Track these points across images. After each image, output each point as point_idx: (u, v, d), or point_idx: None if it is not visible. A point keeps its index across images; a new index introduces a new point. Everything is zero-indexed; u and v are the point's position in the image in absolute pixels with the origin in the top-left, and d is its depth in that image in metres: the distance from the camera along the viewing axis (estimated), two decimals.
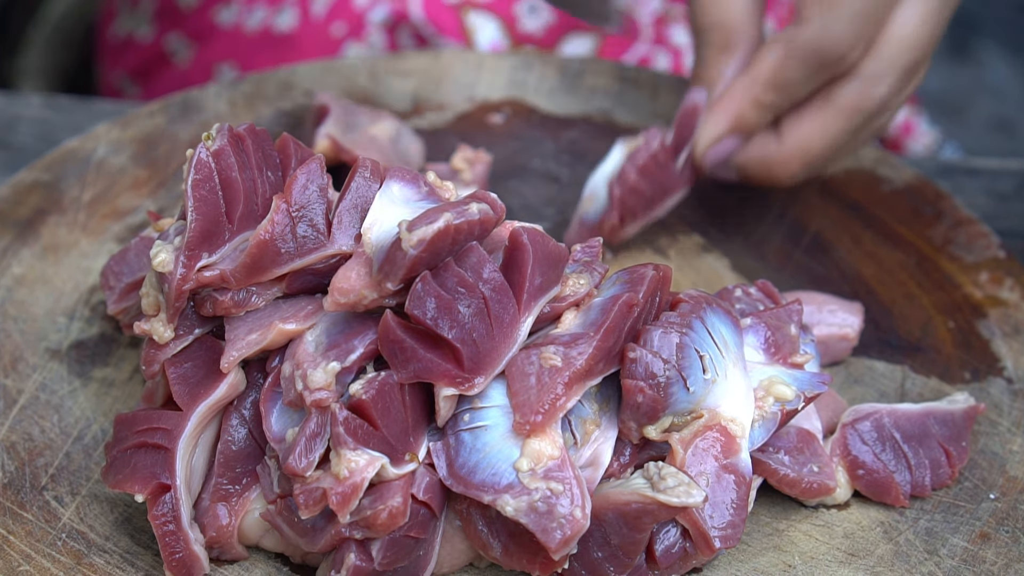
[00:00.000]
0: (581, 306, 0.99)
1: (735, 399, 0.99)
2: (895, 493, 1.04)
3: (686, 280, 1.25)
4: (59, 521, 1.00)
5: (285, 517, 0.95)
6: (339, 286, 0.94)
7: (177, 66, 1.76)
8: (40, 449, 1.06)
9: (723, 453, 0.97)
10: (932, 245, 1.28)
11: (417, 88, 1.47)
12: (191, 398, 0.97)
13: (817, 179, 1.36)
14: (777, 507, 1.04)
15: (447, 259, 0.95)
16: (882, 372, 1.16)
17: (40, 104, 1.52)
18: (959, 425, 1.08)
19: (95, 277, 1.21)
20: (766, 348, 1.03)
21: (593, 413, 0.97)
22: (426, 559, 0.96)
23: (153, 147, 1.37)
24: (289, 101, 1.44)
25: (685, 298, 1.00)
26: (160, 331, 0.98)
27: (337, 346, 0.95)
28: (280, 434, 0.95)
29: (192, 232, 0.96)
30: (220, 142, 0.97)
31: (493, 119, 1.44)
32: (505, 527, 0.94)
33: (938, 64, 3.07)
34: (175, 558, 0.94)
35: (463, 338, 0.93)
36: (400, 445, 0.94)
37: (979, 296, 1.22)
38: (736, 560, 1.00)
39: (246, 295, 0.98)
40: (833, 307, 1.16)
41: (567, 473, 0.93)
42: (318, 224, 0.98)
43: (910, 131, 1.82)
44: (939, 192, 1.34)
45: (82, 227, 1.27)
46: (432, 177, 1.03)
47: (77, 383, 1.12)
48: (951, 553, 1.01)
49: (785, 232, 1.31)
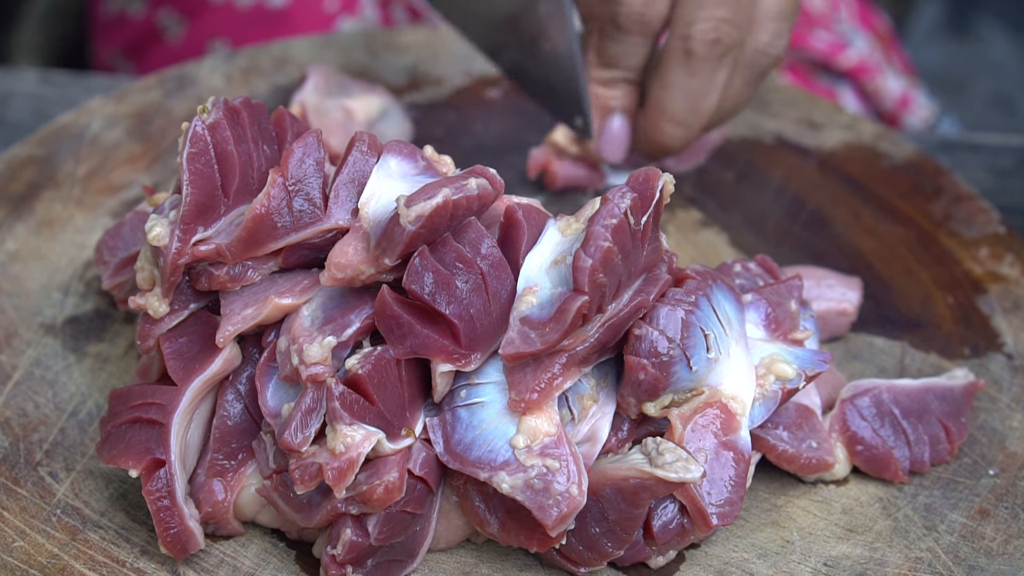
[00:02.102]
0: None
1: (737, 377, 0.98)
2: (894, 469, 1.03)
3: (685, 255, 1.25)
4: (54, 497, 1.00)
5: (281, 492, 0.95)
6: (336, 261, 0.94)
7: (169, 43, 1.75)
8: (35, 425, 1.05)
9: (723, 430, 0.97)
10: (932, 221, 1.28)
11: (414, 63, 1.46)
12: (186, 373, 0.96)
13: (816, 154, 1.35)
14: (775, 483, 1.04)
15: (445, 234, 0.94)
16: (881, 348, 1.15)
17: (34, 79, 1.51)
18: (958, 401, 1.07)
19: (90, 252, 1.20)
20: (767, 324, 1.03)
21: (591, 388, 0.97)
22: (423, 535, 0.96)
23: (148, 122, 1.36)
24: (285, 76, 1.43)
25: (692, 274, 0.99)
26: (155, 306, 0.97)
27: (333, 321, 0.94)
28: (276, 409, 0.94)
29: (187, 206, 0.95)
30: (216, 115, 0.97)
31: (491, 94, 1.43)
32: (502, 503, 0.94)
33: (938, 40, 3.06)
34: (170, 533, 0.93)
35: (460, 314, 0.93)
36: (396, 420, 0.93)
37: (979, 272, 1.22)
38: (734, 536, 1.00)
39: (242, 269, 0.97)
40: (832, 282, 1.16)
41: (563, 450, 0.92)
42: (315, 198, 0.97)
43: (907, 104, 1.81)
44: (939, 168, 1.33)
45: (77, 202, 1.26)
46: (429, 151, 1.02)
47: (72, 358, 1.11)
48: (950, 529, 1.00)
49: (784, 207, 1.30)
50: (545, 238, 0.96)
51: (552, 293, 0.92)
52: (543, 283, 0.93)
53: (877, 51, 1.83)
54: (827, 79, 1.79)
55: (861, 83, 1.80)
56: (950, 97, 2.78)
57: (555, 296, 0.92)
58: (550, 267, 0.94)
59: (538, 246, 0.95)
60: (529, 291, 0.93)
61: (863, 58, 1.78)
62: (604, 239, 0.90)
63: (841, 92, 1.79)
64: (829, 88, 1.78)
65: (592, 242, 0.90)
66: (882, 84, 1.80)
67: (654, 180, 0.94)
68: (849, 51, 1.77)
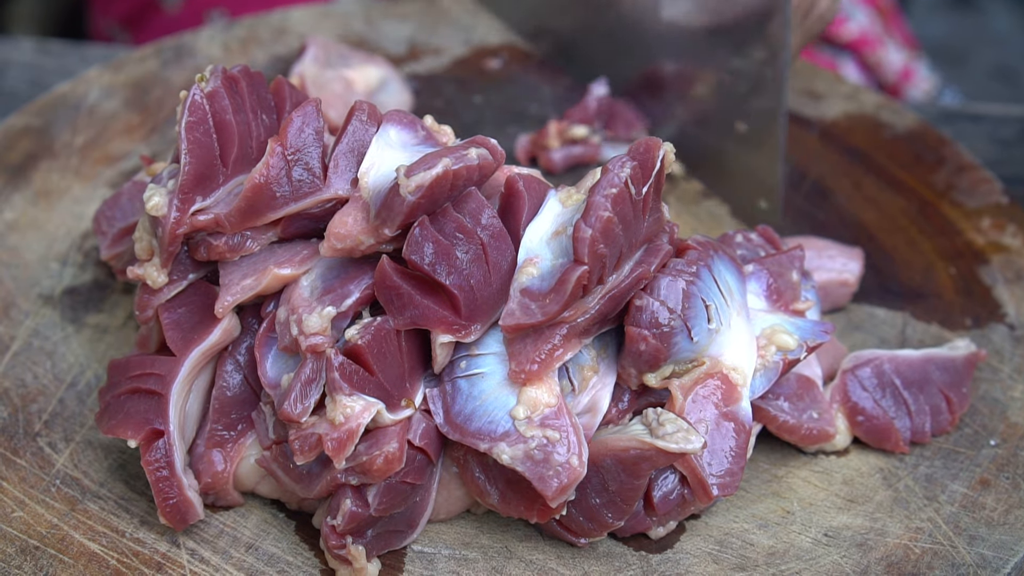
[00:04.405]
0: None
1: (738, 348, 0.98)
2: (895, 439, 1.03)
3: (686, 226, 1.24)
4: (53, 467, 1.00)
5: (281, 463, 0.95)
6: (336, 231, 0.93)
7: (167, 12, 1.74)
8: (33, 395, 1.05)
9: (723, 401, 0.96)
10: (934, 191, 1.27)
11: (414, 32, 1.45)
12: (185, 343, 0.96)
13: (818, 125, 1.35)
14: (776, 454, 1.04)
15: (445, 205, 0.94)
16: (883, 318, 1.15)
17: (31, 49, 1.50)
18: (960, 371, 1.07)
19: (88, 222, 1.20)
20: (768, 295, 1.02)
21: (591, 359, 0.96)
22: (423, 505, 0.96)
23: (146, 92, 1.35)
24: (283, 46, 1.42)
25: (693, 244, 0.99)
26: (154, 276, 0.97)
27: (333, 291, 0.94)
28: (275, 380, 0.94)
29: (186, 175, 0.94)
30: (214, 84, 0.96)
31: (490, 64, 1.43)
32: (502, 474, 0.94)
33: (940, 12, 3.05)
34: (169, 504, 0.93)
35: (460, 284, 0.92)
36: (396, 391, 0.93)
37: (981, 242, 1.21)
38: (735, 506, 1.00)
39: (241, 239, 0.97)
40: (833, 252, 1.15)
41: (563, 421, 0.92)
42: (314, 168, 0.96)
43: (909, 77, 1.81)
44: (941, 138, 1.33)
45: (74, 172, 1.25)
46: (429, 121, 1.02)
47: (70, 329, 1.11)
48: (951, 499, 1.00)
49: (786, 178, 1.29)
50: (546, 209, 0.95)
51: (553, 264, 0.92)
52: (544, 254, 0.93)
53: (878, 24, 1.82)
54: (829, 52, 1.78)
55: (863, 55, 1.79)
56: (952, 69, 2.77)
57: (556, 267, 0.92)
58: (551, 238, 0.93)
59: (539, 217, 0.94)
60: (530, 262, 0.92)
61: (863, 30, 1.77)
62: (604, 209, 0.90)
63: (843, 64, 1.78)
64: (831, 60, 1.77)
65: (592, 212, 0.90)
66: (883, 56, 1.79)
67: (655, 149, 0.94)
68: (850, 24, 1.76)
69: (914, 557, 0.96)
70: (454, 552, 0.96)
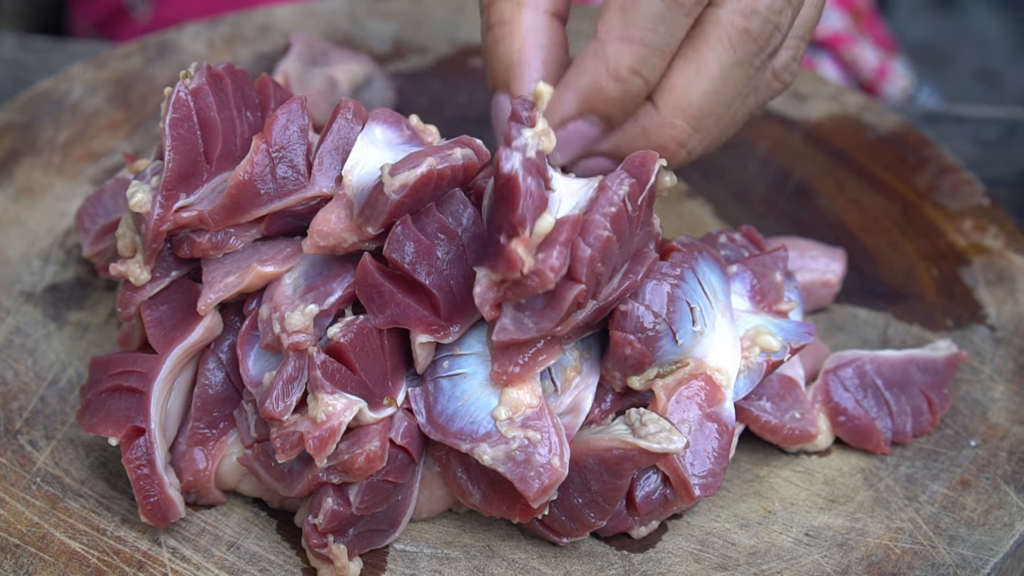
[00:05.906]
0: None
1: (722, 349, 0.98)
2: (876, 440, 1.03)
3: (670, 227, 1.24)
4: (34, 465, 0.99)
5: (262, 461, 0.95)
6: (319, 229, 0.93)
7: (136, 20, 1.73)
8: (14, 393, 1.04)
9: (707, 402, 0.96)
10: (916, 192, 1.27)
11: (399, 31, 1.45)
12: (167, 341, 0.96)
13: (801, 125, 1.35)
14: (758, 453, 1.04)
15: (428, 204, 0.94)
16: (865, 319, 1.15)
17: (13, 45, 1.50)
18: (941, 372, 1.08)
19: (70, 220, 1.19)
20: (752, 295, 1.03)
21: (574, 360, 0.96)
22: (404, 504, 0.96)
23: (129, 88, 1.35)
24: (268, 43, 1.42)
25: (678, 246, 0.99)
26: (136, 273, 0.96)
27: (315, 289, 0.94)
28: (257, 378, 0.94)
29: (170, 172, 0.94)
30: (198, 80, 0.96)
31: (475, 63, 1.43)
32: (484, 474, 0.94)
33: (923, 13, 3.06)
34: (150, 502, 0.93)
35: (440, 284, 0.92)
36: (378, 389, 0.93)
37: (963, 244, 1.22)
38: (716, 506, 1.00)
39: (224, 237, 0.96)
40: (815, 253, 1.16)
41: (545, 422, 0.92)
42: (298, 165, 0.96)
43: (885, 74, 1.82)
44: (924, 139, 1.33)
45: (57, 169, 1.25)
46: (415, 120, 1.02)
47: (52, 326, 1.10)
48: (931, 500, 1.01)
49: (769, 178, 1.30)
50: None
51: None
52: None
53: (851, 25, 1.83)
54: (807, 51, 1.79)
55: (839, 52, 1.80)
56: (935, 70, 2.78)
57: None
58: None
59: None
60: None
61: (836, 30, 1.78)
62: (604, 228, 0.88)
63: (820, 62, 1.79)
64: (808, 58, 1.78)
65: (591, 231, 0.88)
66: (858, 54, 1.80)
67: (650, 164, 0.92)
68: (823, 24, 1.77)
69: (894, 557, 0.96)
70: (436, 551, 0.96)
